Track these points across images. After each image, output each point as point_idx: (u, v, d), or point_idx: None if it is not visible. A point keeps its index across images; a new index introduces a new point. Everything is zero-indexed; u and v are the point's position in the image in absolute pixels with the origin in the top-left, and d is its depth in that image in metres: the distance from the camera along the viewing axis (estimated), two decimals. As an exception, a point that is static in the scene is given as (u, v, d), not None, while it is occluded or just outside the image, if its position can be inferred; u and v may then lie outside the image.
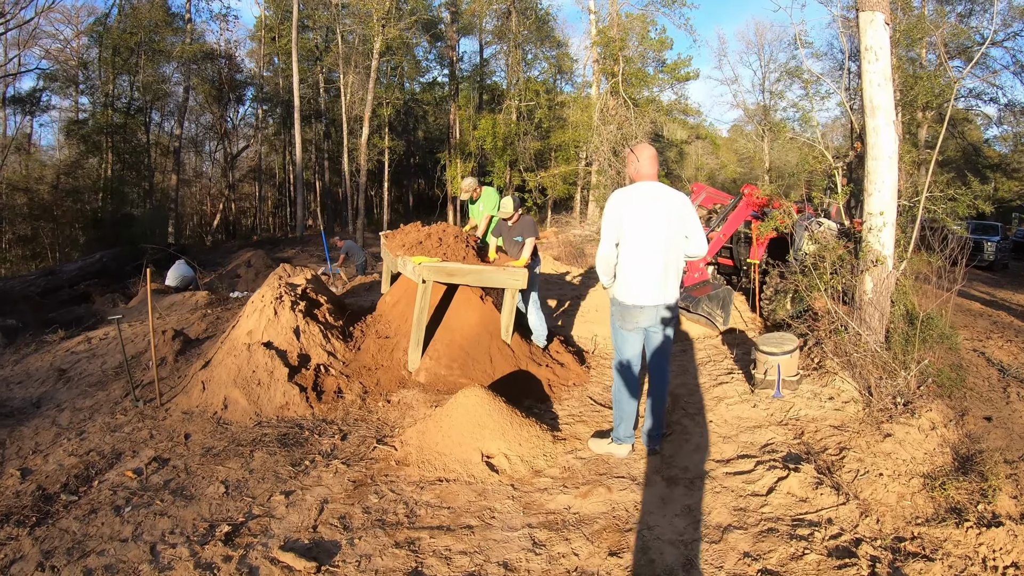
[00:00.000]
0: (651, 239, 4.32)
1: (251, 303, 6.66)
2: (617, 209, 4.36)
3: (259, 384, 5.85)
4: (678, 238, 4.41)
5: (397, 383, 5.95)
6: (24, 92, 24.13)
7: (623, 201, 4.37)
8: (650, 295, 4.37)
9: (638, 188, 4.41)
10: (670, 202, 4.37)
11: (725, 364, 7.14)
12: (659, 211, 4.32)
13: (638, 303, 4.39)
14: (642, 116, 23.83)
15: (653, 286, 4.36)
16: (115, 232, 21.97)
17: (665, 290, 4.41)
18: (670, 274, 4.42)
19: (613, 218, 4.37)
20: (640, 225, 4.31)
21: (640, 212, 4.32)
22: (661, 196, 4.38)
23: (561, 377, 6.29)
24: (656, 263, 4.34)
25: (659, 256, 4.34)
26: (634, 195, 4.37)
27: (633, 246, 4.35)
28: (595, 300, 9.94)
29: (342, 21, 27.57)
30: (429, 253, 6.17)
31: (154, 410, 6.05)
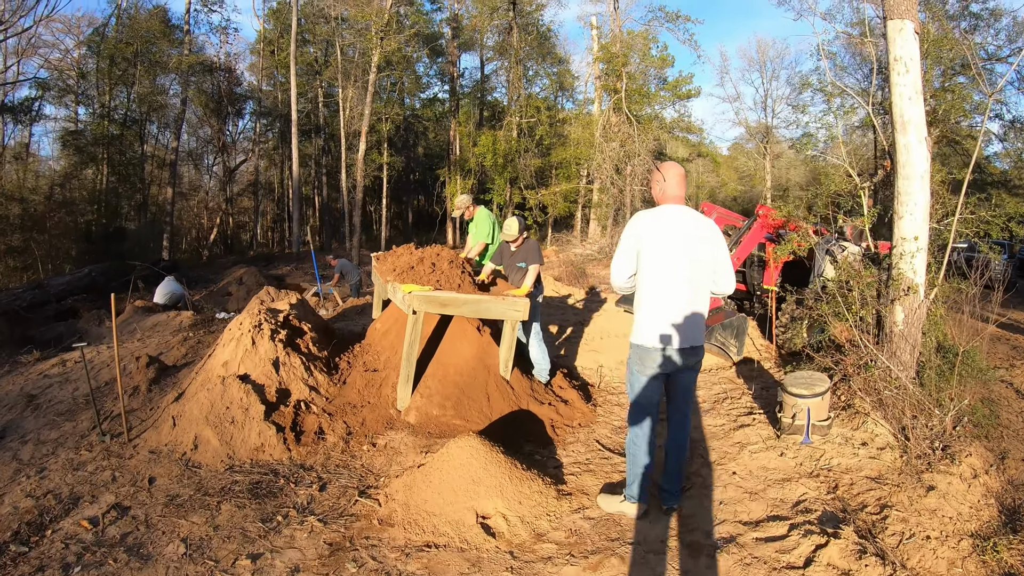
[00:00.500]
0: (675, 271, 3.78)
1: (228, 331, 6.13)
2: (636, 235, 3.84)
3: (233, 423, 5.31)
4: (705, 271, 3.87)
5: (384, 423, 5.39)
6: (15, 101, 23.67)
7: (644, 226, 3.83)
8: (673, 336, 3.80)
9: (662, 212, 3.88)
10: (698, 229, 3.84)
11: (744, 402, 6.58)
12: (685, 239, 3.79)
13: (659, 345, 3.82)
14: (645, 133, 23.42)
15: (677, 326, 3.80)
16: (106, 246, 21.49)
17: (690, 330, 3.84)
18: (696, 312, 3.86)
19: (630, 245, 3.87)
20: (663, 255, 3.78)
21: (663, 239, 3.78)
22: (688, 222, 3.84)
23: (565, 417, 5.74)
24: (680, 299, 3.80)
25: (684, 291, 3.80)
26: (657, 219, 3.84)
27: (654, 279, 3.81)
28: (599, 326, 9.41)
29: (341, 35, 27.23)
30: (421, 280, 5.64)
31: (121, 446, 5.56)
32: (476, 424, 5.27)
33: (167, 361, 7.92)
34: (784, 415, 5.37)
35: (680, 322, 3.79)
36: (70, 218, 22.32)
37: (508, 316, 5.46)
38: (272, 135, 35.56)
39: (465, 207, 7.64)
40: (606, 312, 10.19)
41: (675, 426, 4.16)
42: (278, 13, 32.22)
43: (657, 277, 3.79)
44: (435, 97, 38.07)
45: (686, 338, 3.81)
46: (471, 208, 7.65)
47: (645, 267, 3.81)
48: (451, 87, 34.01)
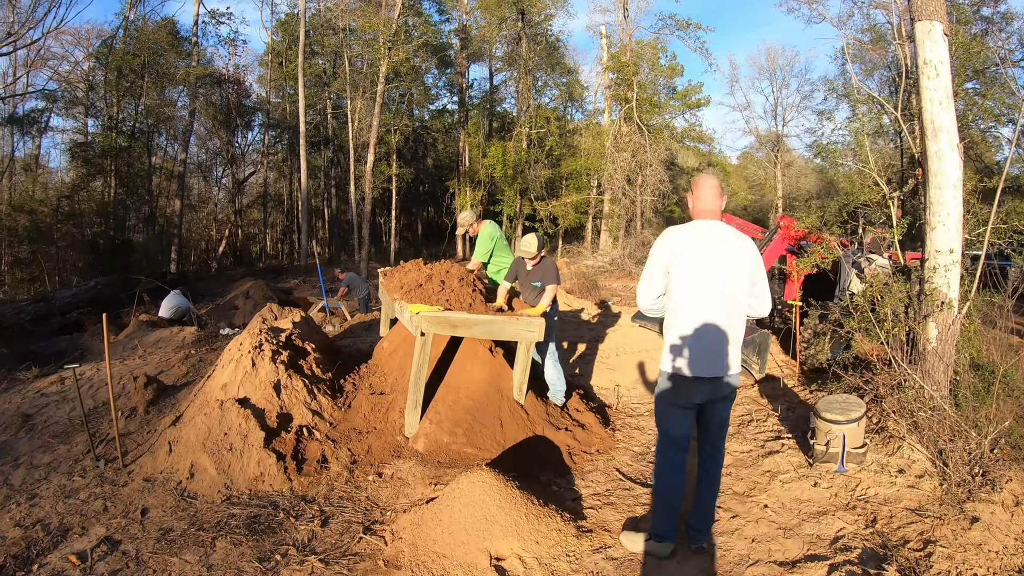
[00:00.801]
0: (709, 292, 3.46)
1: (228, 351, 5.86)
2: (665, 253, 3.53)
3: (231, 450, 5.02)
4: (742, 292, 3.55)
5: (391, 451, 5.09)
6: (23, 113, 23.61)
7: (675, 243, 3.51)
8: (707, 364, 3.47)
9: (695, 227, 3.56)
10: (734, 246, 3.52)
11: (770, 424, 6.24)
12: (720, 257, 3.48)
13: (692, 374, 3.49)
14: (656, 143, 23.13)
15: (711, 352, 3.47)
16: (113, 258, 21.34)
17: (726, 357, 3.51)
18: (732, 337, 3.52)
19: (659, 263, 3.55)
20: (696, 274, 3.46)
21: (697, 258, 3.47)
22: (723, 239, 3.52)
23: (583, 443, 5.42)
24: (715, 323, 3.46)
25: (719, 314, 3.47)
26: (690, 236, 3.52)
27: (686, 300, 3.49)
28: (614, 342, 9.09)
29: (349, 46, 27.11)
30: (429, 299, 5.33)
31: (115, 472, 5.30)
32: (489, 452, 4.96)
33: (167, 380, 7.66)
34: (817, 442, 5.04)
35: (715, 348, 3.46)
36: (77, 230, 22.22)
37: (522, 337, 5.16)
38: (281, 147, 35.46)
39: (468, 225, 7.30)
40: (621, 327, 9.87)
41: (707, 459, 3.83)
42: (286, 25, 32.18)
43: (689, 299, 3.48)
44: (444, 108, 37.98)
45: (721, 366, 3.49)
46: (474, 225, 7.31)
47: (676, 287, 3.50)
48: (460, 98, 33.85)
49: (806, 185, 39.90)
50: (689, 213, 3.72)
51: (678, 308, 3.51)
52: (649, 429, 6.16)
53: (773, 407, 6.77)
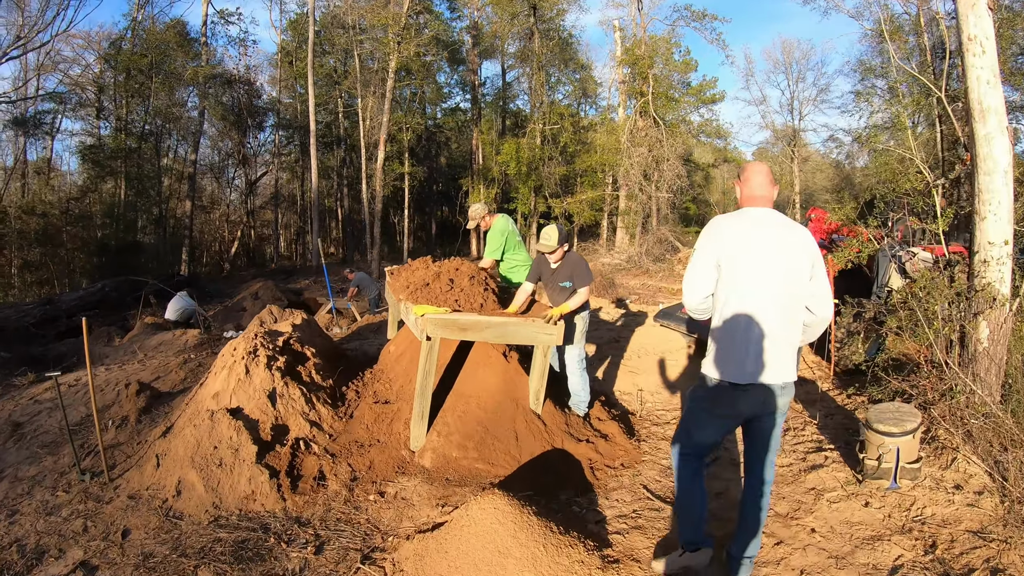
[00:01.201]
0: (763, 289, 3.04)
1: (221, 356, 5.44)
2: (714, 244, 3.11)
3: (220, 465, 4.59)
4: (800, 289, 3.08)
5: (395, 466, 4.62)
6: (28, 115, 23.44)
7: (724, 233, 3.11)
8: (759, 371, 3.03)
9: (745, 216, 3.15)
10: (791, 237, 3.07)
11: (809, 434, 5.72)
12: (776, 250, 3.04)
13: (739, 381, 3.05)
14: (673, 137, 22.58)
15: (765, 358, 3.02)
16: (122, 260, 21.10)
17: (781, 364, 3.06)
18: (788, 340, 3.09)
19: (708, 257, 3.13)
20: (748, 268, 3.04)
21: (749, 250, 3.05)
22: (778, 229, 3.09)
23: (606, 456, 4.93)
24: (770, 324, 3.03)
25: (773, 314, 3.03)
26: (740, 225, 3.11)
27: (737, 299, 3.06)
28: (636, 343, 8.60)
29: (359, 43, 26.73)
30: (437, 299, 4.86)
31: (101, 487, 4.93)
32: (502, 468, 4.49)
33: (164, 386, 7.28)
34: (868, 456, 4.53)
35: (769, 353, 3.02)
36: (87, 232, 22.00)
37: (539, 341, 4.68)
38: (294, 148, 35.21)
39: (480, 217, 6.74)
40: (641, 327, 9.37)
41: (754, 480, 3.32)
42: (296, 24, 31.89)
43: (741, 295, 3.05)
44: (457, 107, 37.62)
45: (775, 374, 3.04)
46: (487, 218, 6.77)
47: (726, 282, 3.09)
48: (473, 96, 33.41)
49: (822, 180, 39.25)
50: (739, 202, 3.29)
51: (727, 305, 3.09)
52: (677, 439, 5.69)
53: (810, 413, 6.26)
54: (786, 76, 35.72)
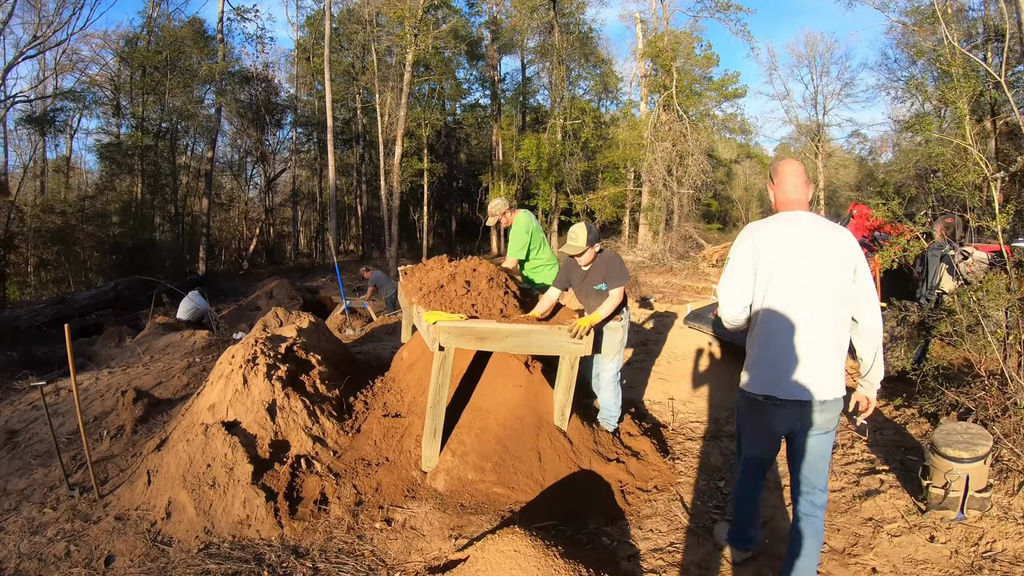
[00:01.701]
0: (803, 297, 2.85)
1: (218, 365, 5.01)
2: (750, 251, 2.94)
3: (214, 486, 4.17)
4: (843, 296, 2.86)
5: (405, 489, 4.15)
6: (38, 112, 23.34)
7: (760, 239, 2.93)
8: (794, 385, 2.83)
9: (781, 221, 2.96)
10: (832, 242, 2.87)
11: (859, 452, 5.19)
12: (816, 255, 2.85)
13: (779, 397, 2.86)
14: (697, 132, 21.96)
15: (800, 371, 2.82)
16: (138, 258, 20.92)
17: (825, 378, 2.83)
18: (833, 351, 2.86)
19: (745, 266, 2.96)
20: (787, 276, 2.86)
21: (787, 257, 2.86)
22: (818, 233, 2.88)
23: (638, 477, 4.44)
24: (812, 334, 2.83)
25: (815, 323, 2.83)
26: (777, 231, 2.92)
27: (776, 308, 2.88)
28: (664, 346, 8.07)
29: (376, 38, 26.36)
30: (451, 304, 4.38)
31: (89, 505, 4.60)
32: (523, 492, 4.02)
33: (165, 392, 6.89)
34: (933, 483, 4.00)
35: (806, 367, 2.83)
36: (102, 231, 21.85)
37: (565, 351, 4.19)
38: (312, 145, 34.98)
39: (500, 214, 6.27)
40: (669, 329, 8.83)
41: (803, 503, 3.05)
42: (313, 21, 31.62)
43: (777, 306, 2.88)
44: (476, 103, 37.25)
45: (812, 389, 2.83)
46: (507, 214, 6.27)
47: (762, 293, 2.92)
48: (492, 91, 33.00)
49: (845, 176, 38.40)
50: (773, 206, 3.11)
51: (763, 315, 2.93)
52: (714, 457, 5.17)
53: (857, 428, 5.72)
54: (810, 70, 34.80)
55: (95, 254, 21.05)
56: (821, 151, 34.48)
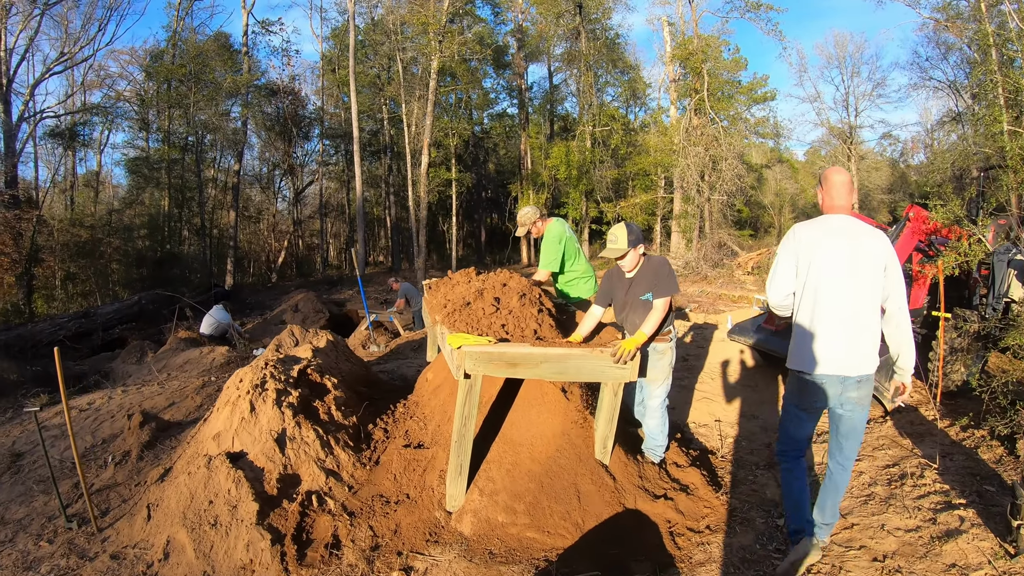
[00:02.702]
0: (841, 288, 3.33)
1: (225, 390, 4.61)
2: (794, 249, 3.45)
3: (215, 526, 3.76)
4: (876, 287, 3.33)
5: (427, 532, 3.67)
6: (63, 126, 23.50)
7: (803, 238, 3.43)
8: (838, 363, 3.33)
9: (826, 223, 3.43)
10: (868, 242, 3.34)
11: (930, 481, 4.57)
12: (852, 253, 3.33)
13: (822, 372, 3.36)
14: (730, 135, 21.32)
15: (843, 351, 3.33)
16: (164, 272, 20.85)
17: (859, 357, 3.33)
18: (866, 335, 3.34)
19: (789, 260, 3.48)
20: (826, 270, 3.35)
21: (827, 253, 3.35)
22: (855, 233, 3.37)
23: (688, 515, 3.92)
24: (847, 320, 3.33)
25: (849, 310, 3.32)
26: (820, 231, 3.41)
27: (816, 297, 3.39)
28: (707, 363, 7.54)
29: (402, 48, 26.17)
30: (478, 324, 3.91)
31: (87, 539, 4.32)
32: (560, 536, 3.52)
33: (178, 413, 6.54)
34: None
35: (841, 347, 3.32)
36: (128, 244, 21.85)
37: (608, 377, 3.70)
38: (340, 157, 34.92)
39: (530, 223, 5.75)
40: (711, 343, 8.27)
41: (836, 467, 3.61)
42: (338, 34, 31.57)
43: (816, 296, 3.38)
44: (504, 112, 37.00)
45: (853, 366, 3.32)
46: (538, 223, 5.75)
47: (803, 284, 3.43)
48: (520, 100, 32.67)
49: (877, 179, 37.43)
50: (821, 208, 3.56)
51: (804, 304, 3.43)
52: (770, 489, 4.64)
53: (924, 453, 5.13)
54: (840, 71, 33.92)
55: (120, 267, 21.00)
56: (854, 154, 33.59)
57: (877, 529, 3.94)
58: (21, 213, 17.60)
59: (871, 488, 4.52)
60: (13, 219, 17.25)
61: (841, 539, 3.87)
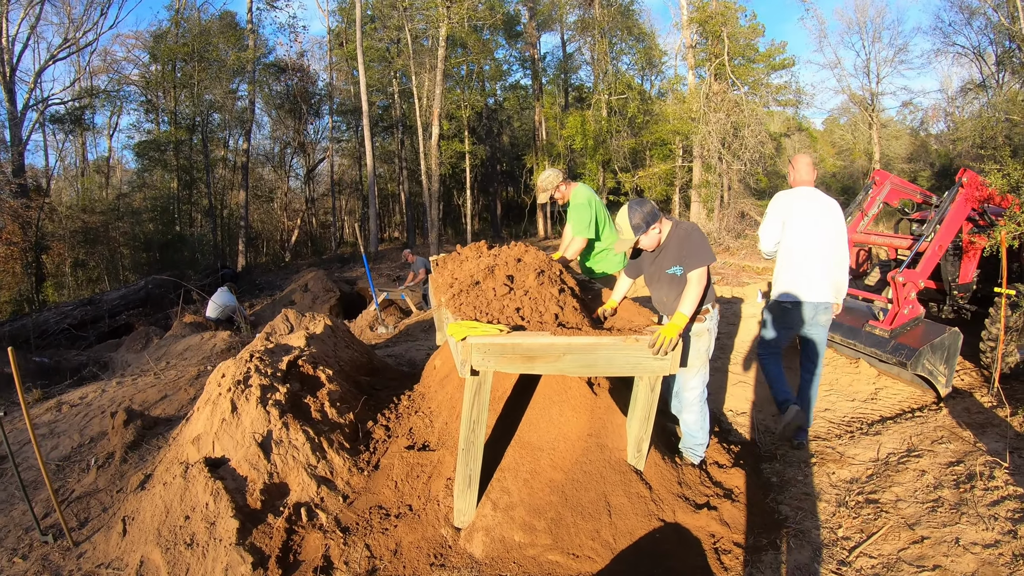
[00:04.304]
0: (812, 237, 4.59)
1: (207, 386, 4.11)
2: (780, 209, 4.75)
3: (191, 545, 3.27)
4: (832, 240, 4.62)
5: (431, 553, 3.13)
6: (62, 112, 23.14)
7: (786, 202, 4.76)
8: (806, 293, 4.55)
9: (798, 192, 4.79)
10: (826, 206, 4.70)
11: (1001, 483, 3.91)
12: (818, 213, 4.64)
13: (794, 299, 4.59)
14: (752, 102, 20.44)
15: (810, 285, 4.55)
16: (165, 255, 20.51)
17: (822, 289, 4.56)
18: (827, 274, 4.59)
19: (776, 217, 4.75)
20: (802, 224, 4.62)
21: (802, 212, 4.65)
22: (819, 198, 4.73)
23: (734, 526, 3.35)
24: (814, 262, 4.56)
25: (818, 255, 4.57)
26: (796, 196, 4.74)
27: (794, 243, 4.64)
28: (739, 342, 6.95)
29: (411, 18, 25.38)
30: (489, 306, 3.26)
31: (62, 554, 3.92)
32: (589, 560, 2.97)
33: (170, 408, 6.06)
34: None
35: (813, 282, 4.55)
36: (138, 227, 21.53)
37: (644, 370, 3.11)
38: (352, 134, 34.33)
39: (552, 187, 5.12)
40: (743, 319, 7.67)
41: (806, 375, 4.84)
42: (345, 8, 30.80)
43: (796, 242, 4.62)
44: (517, 83, 36.20)
45: (823, 295, 4.56)
46: (562, 187, 5.14)
47: (787, 234, 4.66)
48: (532, 70, 31.83)
49: (898, 148, 36.44)
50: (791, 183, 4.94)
51: (787, 249, 4.66)
52: (824, 492, 4.07)
53: (989, 448, 4.53)
54: (860, 36, 32.78)
55: (128, 252, 20.69)
56: (875, 121, 32.49)
57: (951, 545, 3.37)
58: (28, 201, 17.29)
59: (937, 492, 3.93)
60: (20, 208, 16.95)
61: (911, 556, 3.31)
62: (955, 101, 33.71)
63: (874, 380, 6.04)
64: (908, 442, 4.73)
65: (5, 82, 18.25)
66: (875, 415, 5.41)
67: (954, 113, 34.08)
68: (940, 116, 37.65)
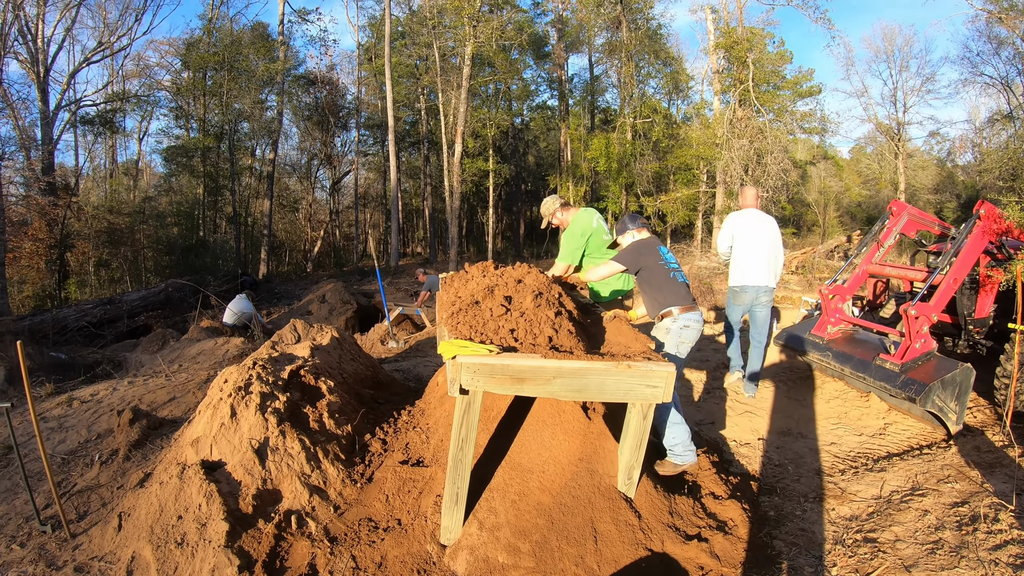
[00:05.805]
0: (755, 243, 6.15)
1: (210, 391, 4.16)
2: (731, 226, 6.37)
3: (181, 544, 3.30)
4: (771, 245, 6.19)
5: (415, 568, 3.11)
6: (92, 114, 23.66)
7: (736, 220, 6.37)
8: (751, 280, 6.11)
9: (745, 213, 6.40)
10: (768, 222, 6.31)
11: (1006, 526, 3.82)
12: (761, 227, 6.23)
13: (742, 284, 6.16)
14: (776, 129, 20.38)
15: (755, 275, 6.10)
16: (186, 260, 20.79)
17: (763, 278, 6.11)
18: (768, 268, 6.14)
19: (728, 232, 6.40)
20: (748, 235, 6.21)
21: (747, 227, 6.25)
22: (761, 218, 6.32)
23: (725, 560, 3.31)
24: (758, 259, 6.12)
25: (760, 254, 6.12)
26: (743, 216, 6.36)
27: (742, 247, 6.20)
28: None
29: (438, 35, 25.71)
30: (484, 326, 3.29)
31: (59, 545, 4.00)
32: (574, 584, 2.97)
33: (177, 410, 6.15)
34: None
35: (757, 273, 6.09)
36: (162, 230, 21.86)
37: (635, 396, 3.10)
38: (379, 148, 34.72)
39: (550, 214, 5.36)
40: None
41: (754, 343, 6.31)
42: (375, 24, 31.28)
43: (744, 246, 6.18)
44: (544, 104, 36.46)
45: (763, 280, 6.10)
46: (559, 214, 5.35)
47: (737, 242, 6.25)
48: (560, 91, 32.05)
49: (924, 179, 36.07)
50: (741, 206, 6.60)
51: (737, 251, 6.22)
52: (819, 527, 4.02)
53: (996, 489, 4.44)
54: (888, 65, 32.58)
55: (151, 254, 21.01)
56: (902, 151, 32.19)
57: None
58: (56, 199, 17.65)
59: (938, 534, 3.86)
60: (48, 205, 17.30)
61: (907, 599, 3.25)
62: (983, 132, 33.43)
63: (884, 415, 5.95)
64: (913, 480, 4.65)
65: (39, 82, 18.69)
66: (882, 451, 5.32)
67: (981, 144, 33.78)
68: (967, 147, 37.35)
